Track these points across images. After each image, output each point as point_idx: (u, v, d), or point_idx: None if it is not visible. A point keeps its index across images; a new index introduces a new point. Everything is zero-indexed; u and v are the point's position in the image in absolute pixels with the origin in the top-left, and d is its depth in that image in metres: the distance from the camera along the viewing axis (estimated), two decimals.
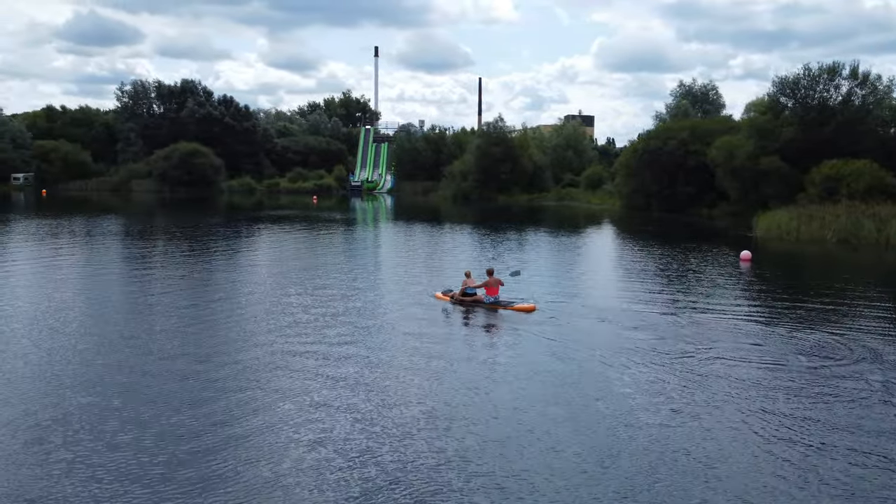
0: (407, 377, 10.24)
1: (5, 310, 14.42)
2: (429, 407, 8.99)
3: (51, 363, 10.69)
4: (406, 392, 9.59)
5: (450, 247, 28.28)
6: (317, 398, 9.24)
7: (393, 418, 8.58)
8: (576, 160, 70.53)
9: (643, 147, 47.80)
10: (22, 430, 8.06)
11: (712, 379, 10.23)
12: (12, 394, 9.29)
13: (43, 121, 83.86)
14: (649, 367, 10.78)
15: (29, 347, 11.57)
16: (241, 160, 79.24)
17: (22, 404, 8.88)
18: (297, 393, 9.43)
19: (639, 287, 18.55)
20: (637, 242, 30.14)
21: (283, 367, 10.59)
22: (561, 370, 10.68)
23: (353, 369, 10.53)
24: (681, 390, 9.72)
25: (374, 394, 9.47)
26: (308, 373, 10.33)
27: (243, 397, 9.23)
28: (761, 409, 8.98)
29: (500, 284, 15.51)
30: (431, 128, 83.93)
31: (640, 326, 13.55)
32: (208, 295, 16.62)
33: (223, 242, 28.55)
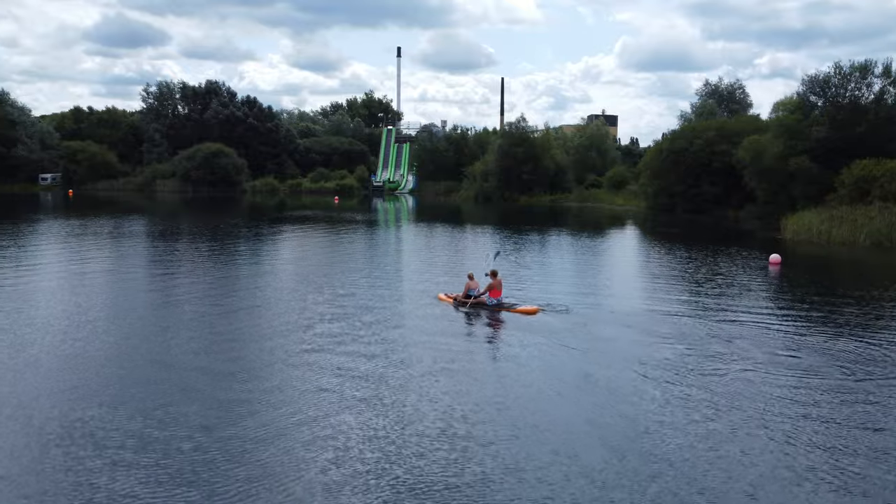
0: (425, 389, 9.93)
1: (36, 309, 14.56)
2: (447, 424, 8.63)
3: (78, 362, 10.83)
4: (423, 409, 9.22)
5: (471, 249, 27.96)
6: (334, 405, 9.03)
7: (409, 436, 8.26)
8: (599, 160, 69.82)
9: (668, 147, 47.13)
10: (48, 427, 8.19)
11: (745, 394, 9.72)
12: (40, 392, 9.46)
13: (70, 122, 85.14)
14: (678, 381, 10.33)
15: (56, 346, 11.72)
16: (264, 160, 79.72)
17: (49, 402, 9.04)
18: (309, 401, 9.23)
19: (665, 291, 18.08)
20: (662, 244, 29.59)
21: (293, 367, 10.45)
22: (588, 384, 10.28)
23: (365, 379, 10.28)
24: (713, 407, 9.22)
25: (389, 410, 9.18)
26: (322, 378, 10.13)
27: (264, 395, 9.20)
28: (802, 432, 8.51)
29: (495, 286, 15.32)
30: (453, 128, 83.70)
31: (668, 335, 13.12)
32: (229, 297, 16.56)
33: (245, 243, 28.54)
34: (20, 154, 72.59)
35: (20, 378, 10.06)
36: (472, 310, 15.11)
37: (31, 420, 8.46)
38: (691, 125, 51.01)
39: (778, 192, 37.47)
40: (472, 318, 14.54)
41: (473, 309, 15.14)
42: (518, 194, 62.14)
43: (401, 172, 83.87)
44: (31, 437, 7.96)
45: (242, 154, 75.53)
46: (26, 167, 73.23)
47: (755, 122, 47.55)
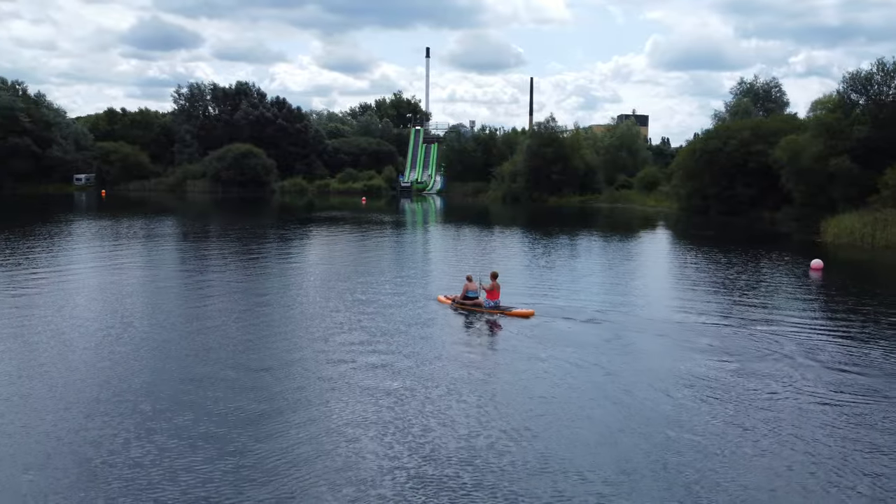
0: (446, 401, 9.54)
1: (73, 310, 14.72)
2: (468, 448, 8.25)
3: (111, 360, 11.12)
4: (442, 428, 8.87)
5: (499, 252, 27.47)
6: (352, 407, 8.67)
7: (430, 455, 7.90)
8: (630, 161, 68.62)
9: (702, 147, 46.00)
10: (82, 425, 8.42)
11: (793, 417, 9.07)
12: (76, 391, 9.65)
13: (105, 123, 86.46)
14: (717, 399, 9.71)
15: (90, 346, 11.89)
16: (293, 161, 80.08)
17: (84, 401, 9.24)
18: (322, 401, 8.90)
19: (701, 298, 17.39)
20: (696, 247, 28.75)
21: (310, 367, 10.09)
22: (619, 403, 9.72)
23: (384, 383, 9.91)
24: (765, 435, 8.58)
25: (415, 420, 8.82)
26: (337, 382, 9.78)
27: (292, 395, 9.04)
28: (861, 462, 7.93)
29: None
30: (482, 128, 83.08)
31: (703, 346, 12.50)
32: (256, 298, 16.46)
33: (274, 245, 28.41)
34: (55, 155, 73.88)
35: (55, 379, 10.10)
36: (470, 312, 15.06)
37: (65, 420, 8.55)
38: (726, 125, 49.79)
39: (816, 193, 36.24)
40: (472, 321, 14.44)
41: (471, 311, 15.09)
42: (547, 195, 61.36)
43: (429, 173, 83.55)
44: (66, 436, 8.07)
45: (272, 154, 75.92)
46: (61, 168, 74.51)
47: (792, 122, 46.20)
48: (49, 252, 24.67)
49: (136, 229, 33.59)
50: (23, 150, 71.86)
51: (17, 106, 72.74)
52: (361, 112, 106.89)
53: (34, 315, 14.25)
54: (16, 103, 72.97)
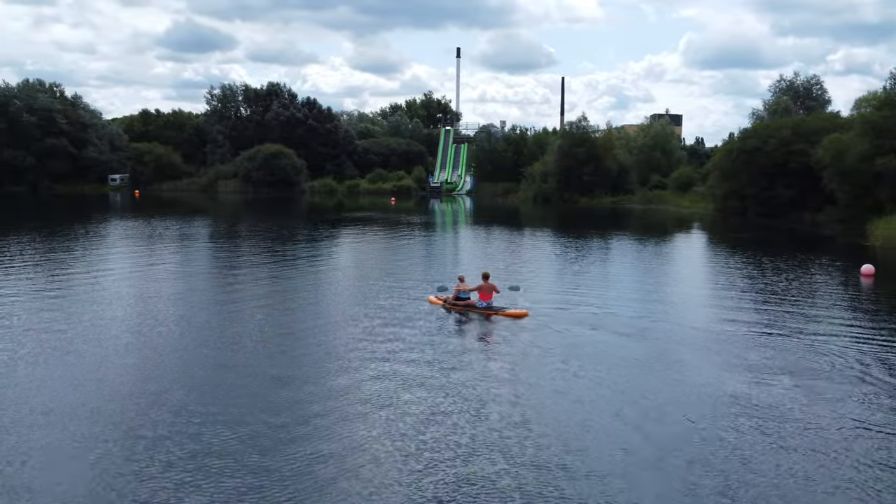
0: (480, 412, 8.95)
1: (103, 310, 14.69)
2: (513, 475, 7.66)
3: (143, 362, 11.17)
4: (467, 441, 8.29)
5: (529, 255, 26.81)
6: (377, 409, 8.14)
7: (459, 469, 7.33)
8: (664, 161, 67.17)
9: (739, 146, 44.65)
10: (115, 425, 8.51)
11: (852, 448, 8.37)
12: (110, 393, 9.71)
13: (139, 124, 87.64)
14: (762, 424, 8.91)
15: (122, 347, 11.89)
16: (323, 161, 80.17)
17: (118, 403, 9.31)
18: (343, 395, 8.37)
19: (743, 305, 16.51)
20: (734, 251, 27.64)
21: (329, 373, 9.60)
22: (655, 433, 9.06)
23: (415, 394, 9.35)
24: (814, 462, 7.93)
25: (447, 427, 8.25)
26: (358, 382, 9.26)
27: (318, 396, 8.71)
28: None
29: (496, 291, 15.03)
30: (512, 128, 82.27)
31: (751, 361, 11.67)
32: (284, 302, 16.18)
33: (302, 246, 28.11)
34: (91, 155, 75.04)
35: (89, 380, 10.14)
36: (462, 313, 14.89)
37: (96, 421, 8.59)
38: (764, 123, 48.34)
39: (862, 194, 34.81)
40: (466, 323, 14.27)
41: (463, 312, 14.93)
42: (578, 196, 60.33)
43: (458, 173, 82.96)
44: (97, 436, 8.12)
45: (302, 155, 76.05)
46: (97, 168, 75.67)
47: (835, 120, 44.60)
48: (84, 251, 24.94)
49: (168, 230, 33.61)
50: (60, 150, 73.15)
51: (55, 107, 74.08)
52: (392, 112, 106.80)
53: (67, 314, 14.27)
54: (53, 105, 74.33)
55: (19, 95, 73.53)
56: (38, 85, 77.66)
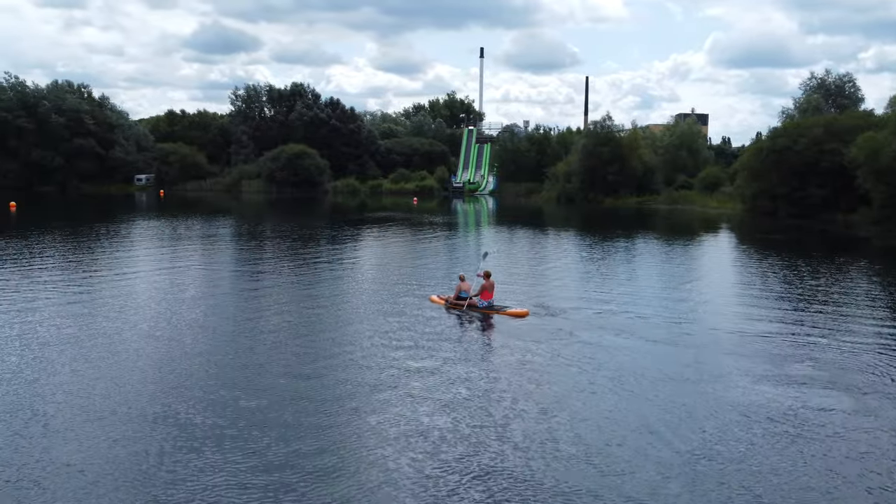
0: (504, 416, 8.54)
1: (129, 310, 14.71)
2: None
3: (169, 361, 11.08)
4: (494, 450, 7.89)
5: (552, 256, 26.31)
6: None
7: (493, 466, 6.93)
8: (690, 161, 66.04)
9: (769, 146, 43.64)
10: (141, 425, 8.44)
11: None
12: (136, 391, 9.65)
13: (165, 124, 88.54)
14: (801, 439, 8.40)
15: (150, 350, 11.76)
16: (346, 161, 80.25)
17: (143, 402, 9.25)
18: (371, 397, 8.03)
19: (773, 310, 15.85)
20: (765, 253, 26.85)
21: (347, 373, 9.26)
22: (684, 446, 8.57)
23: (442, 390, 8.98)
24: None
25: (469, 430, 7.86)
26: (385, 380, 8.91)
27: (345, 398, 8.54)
28: None
29: (488, 290, 14.93)
30: (535, 128, 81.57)
31: (790, 371, 11.12)
32: (308, 302, 15.96)
33: (325, 247, 27.89)
34: (117, 156, 75.94)
35: (114, 380, 10.06)
36: (463, 312, 14.76)
37: (123, 422, 8.51)
38: (795, 122, 47.20)
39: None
40: (467, 322, 14.12)
41: (464, 311, 14.81)
42: (603, 196, 59.58)
43: (481, 173, 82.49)
44: (123, 436, 8.05)
45: (325, 155, 76.16)
46: (123, 168, 76.56)
47: (868, 118, 43.43)
48: (111, 251, 25.04)
49: (193, 230, 33.65)
50: (87, 151, 74.17)
51: (83, 108, 75.10)
52: (415, 112, 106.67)
53: (93, 313, 14.25)
54: (81, 106, 75.35)
55: (48, 96, 74.67)
56: (66, 86, 78.80)
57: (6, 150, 71.84)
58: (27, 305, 14.80)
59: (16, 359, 10.94)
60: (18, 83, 75.55)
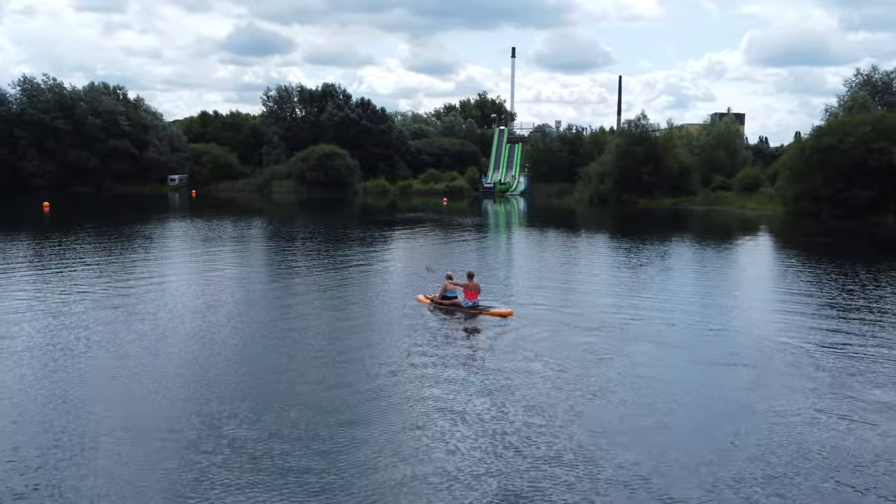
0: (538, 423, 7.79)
1: (160, 310, 14.71)
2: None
3: (197, 360, 11.16)
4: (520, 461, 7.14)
5: (586, 261, 25.38)
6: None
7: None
8: (727, 161, 64.25)
9: (813, 145, 41.96)
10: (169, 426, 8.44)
11: None
12: (163, 391, 9.64)
13: (198, 125, 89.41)
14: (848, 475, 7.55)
15: (181, 352, 11.69)
16: (377, 161, 79.99)
17: (170, 402, 9.27)
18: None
19: (822, 319, 14.80)
20: (807, 257, 25.52)
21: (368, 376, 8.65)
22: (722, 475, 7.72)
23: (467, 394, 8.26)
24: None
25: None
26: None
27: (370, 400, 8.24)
28: None
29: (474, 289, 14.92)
30: (568, 127, 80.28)
31: (833, 389, 10.16)
32: (337, 304, 15.88)
33: (356, 249, 27.36)
34: (151, 156, 76.77)
35: (146, 381, 10.03)
36: (448, 311, 14.74)
37: (152, 423, 8.50)
38: (840, 120, 45.38)
39: None
40: (450, 321, 14.09)
41: (449, 310, 14.81)
42: (637, 196, 58.18)
43: (512, 174, 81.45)
44: (154, 437, 8.03)
45: (355, 155, 75.94)
46: (156, 168, 77.36)
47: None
48: (142, 252, 25.06)
49: (226, 231, 33.46)
50: (122, 151, 75.10)
51: (118, 109, 76.07)
52: (446, 113, 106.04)
53: (127, 313, 14.35)
54: (116, 107, 76.33)
55: (85, 98, 75.80)
56: (102, 88, 79.96)
57: (44, 151, 73.12)
58: (60, 307, 14.66)
59: (48, 360, 10.88)
60: (56, 85, 76.86)
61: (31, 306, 14.81)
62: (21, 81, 75.23)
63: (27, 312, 14.17)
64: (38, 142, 72.89)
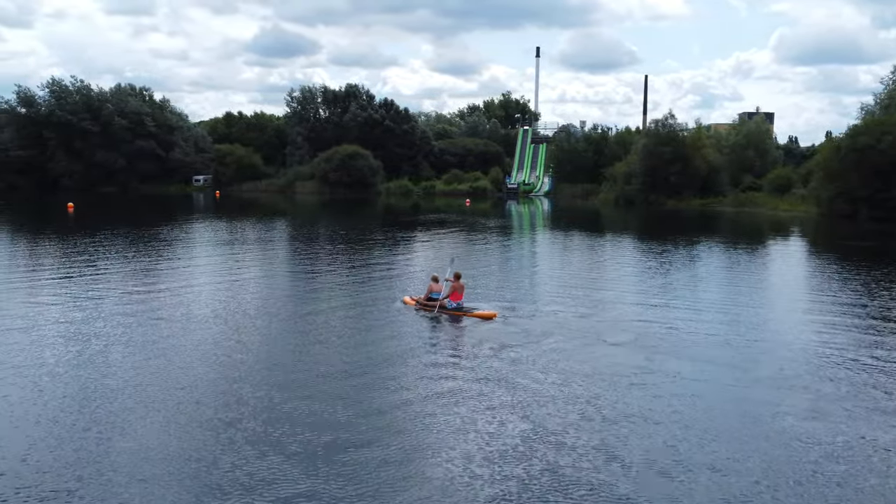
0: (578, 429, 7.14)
1: (185, 309, 14.89)
2: None
3: (216, 365, 11.11)
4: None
5: (613, 265, 24.57)
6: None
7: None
8: (758, 161, 62.68)
9: (849, 144, 40.57)
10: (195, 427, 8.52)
11: None
12: (189, 392, 9.70)
13: (223, 126, 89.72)
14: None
15: (200, 351, 11.74)
16: (400, 162, 79.55)
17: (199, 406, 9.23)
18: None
19: (874, 335, 13.87)
20: (850, 262, 24.40)
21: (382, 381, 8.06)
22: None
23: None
24: None
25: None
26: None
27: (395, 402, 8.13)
28: None
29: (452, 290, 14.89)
30: (593, 127, 79.09)
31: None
32: (361, 308, 15.53)
33: (379, 250, 26.88)
34: (176, 157, 77.18)
35: (172, 382, 10.06)
36: (434, 313, 14.64)
37: (179, 425, 8.52)
38: (877, 119, 43.81)
39: None
40: (437, 323, 14.08)
41: (433, 312, 14.69)
42: (664, 197, 56.97)
43: (536, 174, 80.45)
44: (181, 440, 8.06)
45: (378, 156, 75.57)
46: (182, 169, 77.73)
47: None
48: (166, 253, 25.01)
49: (250, 232, 33.26)
50: (148, 152, 75.57)
51: (144, 110, 76.61)
52: (469, 113, 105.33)
53: (151, 313, 14.50)
54: (142, 108, 76.90)
55: (111, 99, 76.47)
56: (129, 89, 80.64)
57: (72, 152, 73.84)
58: (78, 311, 14.50)
59: (75, 358, 11.08)
60: (84, 87, 77.58)
61: (49, 308, 14.74)
62: (49, 83, 76.08)
63: (47, 314, 14.15)
64: (66, 143, 73.61)
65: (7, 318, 13.67)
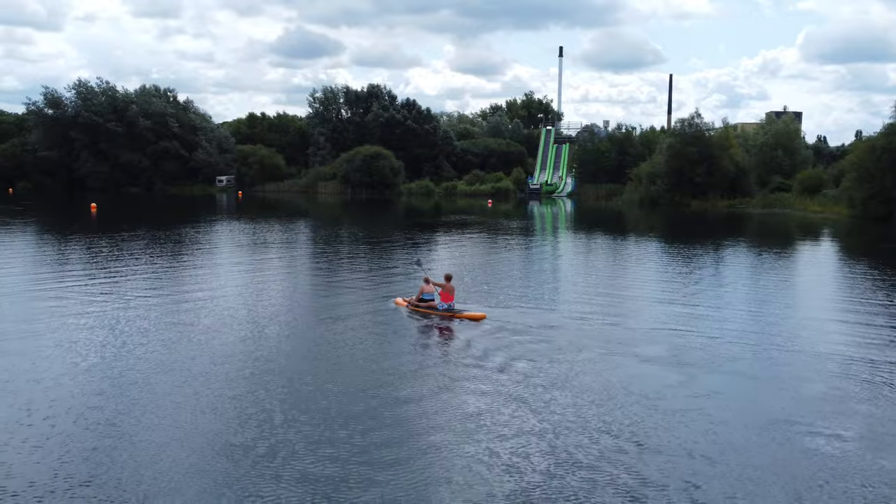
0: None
1: (210, 309, 14.95)
2: None
3: (242, 358, 11.38)
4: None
5: (637, 268, 23.90)
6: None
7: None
8: (786, 161, 61.30)
9: (884, 144, 39.38)
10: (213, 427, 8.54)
11: None
12: (214, 398, 9.58)
13: (245, 127, 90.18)
14: None
15: (226, 358, 11.51)
16: (422, 162, 79.25)
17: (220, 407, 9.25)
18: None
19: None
20: (881, 266, 23.48)
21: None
22: None
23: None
24: None
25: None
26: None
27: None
28: None
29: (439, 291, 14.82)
30: (617, 127, 78.06)
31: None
32: (382, 310, 15.28)
33: (400, 252, 26.51)
34: (200, 158, 77.67)
35: (188, 385, 10.02)
36: (424, 314, 14.64)
37: (197, 429, 8.45)
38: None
39: None
40: (427, 324, 14.04)
41: (425, 313, 14.68)
42: (690, 198, 55.94)
43: (559, 174, 79.60)
44: (199, 444, 7.99)
45: (400, 156, 75.33)
46: (205, 170, 78.22)
47: None
48: (188, 254, 25.02)
49: (273, 234, 33.08)
50: (172, 153, 76.23)
51: (168, 112, 77.24)
52: (492, 113, 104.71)
53: (175, 313, 14.58)
54: (167, 109, 77.53)
55: (136, 101, 77.19)
56: (153, 90, 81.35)
57: (98, 153, 74.72)
58: (114, 310, 14.45)
59: (98, 358, 11.16)
60: (109, 88, 78.46)
61: (70, 308, 14.65)
62: (76, 85, 77.09)
63: (72, 316, 13.99)
64: (92, 144, 74.49)
65: (28, 321, 13.55)
